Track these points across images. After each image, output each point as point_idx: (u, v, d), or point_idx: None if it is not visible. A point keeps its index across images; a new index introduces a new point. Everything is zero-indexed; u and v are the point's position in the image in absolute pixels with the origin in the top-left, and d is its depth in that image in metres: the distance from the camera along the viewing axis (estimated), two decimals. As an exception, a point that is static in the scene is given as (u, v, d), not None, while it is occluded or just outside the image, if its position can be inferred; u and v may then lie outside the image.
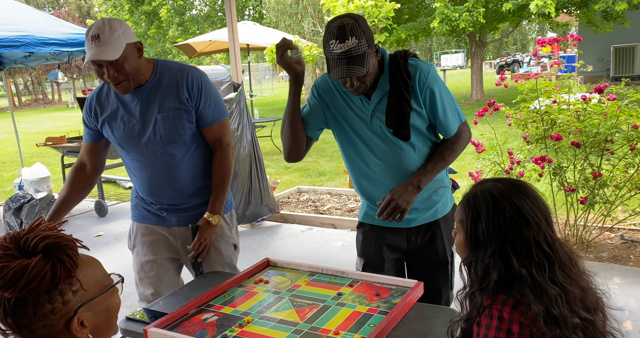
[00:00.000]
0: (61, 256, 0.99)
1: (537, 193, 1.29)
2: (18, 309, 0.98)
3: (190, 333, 1.55)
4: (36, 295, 0.97)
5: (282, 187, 6.77)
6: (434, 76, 1.89)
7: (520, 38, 48.23)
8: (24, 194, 5.69)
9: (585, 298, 1.22)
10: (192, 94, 2.09)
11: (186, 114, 2.09)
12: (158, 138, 2.09)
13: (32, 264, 0.95)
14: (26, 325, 0.98)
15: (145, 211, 2.26)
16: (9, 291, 0.95)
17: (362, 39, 1.73)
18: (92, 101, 2.17)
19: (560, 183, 3.89)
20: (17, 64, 7.33)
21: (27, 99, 39.74)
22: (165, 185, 2.16)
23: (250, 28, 10.85)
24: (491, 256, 1.22)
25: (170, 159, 2.12)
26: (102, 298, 1.07)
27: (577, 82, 4.09)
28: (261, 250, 4.52)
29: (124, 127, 2.11)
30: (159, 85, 2.08)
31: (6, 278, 0.94)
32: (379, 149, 1.95)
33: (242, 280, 1.93)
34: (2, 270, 0.94)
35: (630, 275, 3.49)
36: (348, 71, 1.74)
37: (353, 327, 1.53)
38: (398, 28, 14.43)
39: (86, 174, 2.26)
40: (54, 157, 10.25)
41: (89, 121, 2.19)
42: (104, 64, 1.93)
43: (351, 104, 1.96)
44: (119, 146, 2.18)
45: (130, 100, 2.10)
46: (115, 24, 1.95)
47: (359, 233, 2.17)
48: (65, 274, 0.99)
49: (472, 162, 6.58)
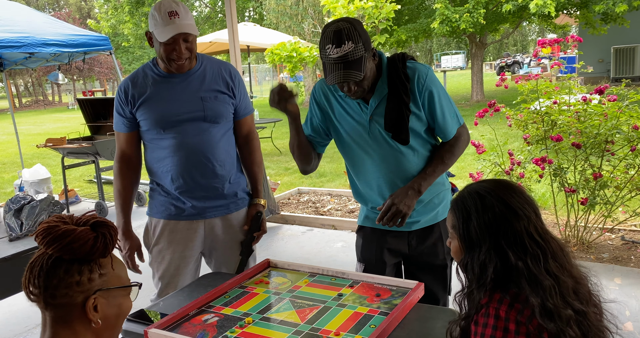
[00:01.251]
0: (105, 232, 1.13)
1: (523, 189, 1.33)
2: (52, 269, 1.09)
3: (190, 334, 1.55)
4: (73, 257, 1.10)
5: (282, 188, 6.77)
6: (432, 78, 1.88)
7: (521, 39, 48.27)
8: (24, 195, 5.68)
9: (578, 288, 1.25)
10: (235, 84, 2.25)
11: (230, 99, 2.23)
12: (202, 116, 2.15)
13: (79, 230, 1.10)
14: (52, 287, 1.08)
15: (172, 206, 2.23)
16: (53, 246, 1.08)
17: (359, 43, 1.71)
18: (127, 87, 2.17)
19: (560, 183, 3.89)
20: (18, 65, 7.35)
21: (28, 100, 39.75)
22: (202, 166, 2.18)
23: (251, 29, 10.88)
24: (486, 252, 1.24)
25: (210, 139, 2.18)
26: (118, 293, 1.16)
27: (577, 83, 4.09)
28: (261, 251, 4.52)
29: (165, 106, 2.14)
30: (204, 71, 2.20)
31: (55, 234, 1.08)
32: (378, 153, 1.93)
33: (243, 280, 1.93)
34: (54, 227, 1.10)
35: (631, 276, 3.49)
36: (345, 76, 1.73)
37: (354, 328, 1.52)
38: (398, 29, 14.44)
39: (133, 164, 2.27)
40: (54, 158, 10.26)
41: (124, 109, 2.18)
42: (179, 40, 2.03)
43: (348, 110, 1.94)
44: (155, 127, 2.16)
45: (178, 82, 2.16)
46: (183, 5, 2.08)
47: (359, 237, 2.16)
48: (102, 248, 1.12)
49: (473, 163, 6.58)
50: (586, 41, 6.39)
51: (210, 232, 2.27)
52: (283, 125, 13.46)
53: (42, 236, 1.10)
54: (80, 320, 1.10)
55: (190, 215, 2.23)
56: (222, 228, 2.27)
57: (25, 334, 3.30)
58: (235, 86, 2.25)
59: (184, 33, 2.02)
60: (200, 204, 2.22)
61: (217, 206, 2.24)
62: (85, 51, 6.21)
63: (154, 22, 2.04)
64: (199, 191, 2.20)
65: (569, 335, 1.15)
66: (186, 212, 2.22)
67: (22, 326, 3.41)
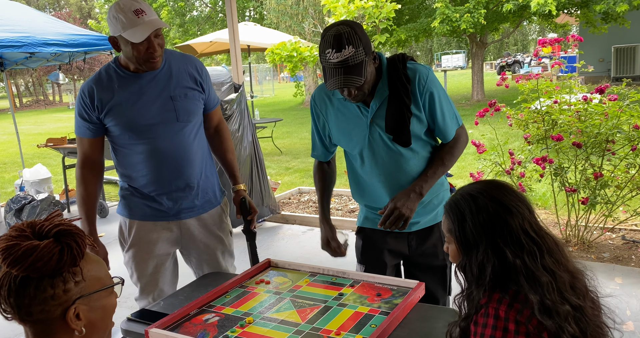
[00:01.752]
0: (70, 242, 1.04)
1: (514, 187, 1.34)
2: (21, 288, 1.01)
3: (191, 334, 1.55)
4: (41, 275, 1.01)
5: (282, 188, 6.77)
6: (433, 79, 1.87)
7: (521, 39, 48.24)
8: (25, 195, 5.69)
9: (575, 283, 1.25)
10: (203, 78, 2.21)
11: (200, 95, 2.20)
12: (174, 117, 2.11)
13: (42, 245, 1.01)
14: (26, 306, 1.02)
15: (147, 208, 2.21)
16: (16, 268, 1.00)
17: (359, 47, 1.69)
18: (92, 91, 2.08)
19: (561, 183, 3.89)
20: (18, 65, 7.34)
21: (28, 100, 39.77)
22: (177, 169, 2.16)
23: (251, 29, 10.87)
24: (484, 252, 1.24)
25: (184, 140, 2.15)
26: (100, 295, 1.09)
27: (578, 82, 4.08)
28: (262, 251, 4.50)
29: (136, 110, 2.07)
30: (169, 68, 2.14)
31: (16, 255, 0.99)
32: (378, 156, 1.92)
33: (244, 280, 1.93)
34: (13, 247, 1.00)
35: (632, 276, 3.48)
36: (345, 81, 1.71)
37: (354, 328, 1.53)
38: (398, 29, 14.43)
39: (97, 169, 2.25)
40: (54, 158, 10.26)
41: (89, 114, 2.10)
42: (151, 38, 1.97)
43: (347, 113, 1.93)
44: (127, 132, 2.11)
45: (145, 82, 2.09)
46: (141, 1, 2.02)
47: (359, 239, 2.15)
48: (71, 260, 1.03)
49: (473, 163, 6.58)
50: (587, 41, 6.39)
51: (186, 232, 2.27)
52: (283, 125, 13.47)
53: (2, 256, 1.01)
54: (64, 331, 1.05)
55: (166, 216, 2.22)
56: (197, 227, 2.27)
57: (26, 334, 3.29)
58: (203, 79, 2.20)
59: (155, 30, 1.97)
60: (176, 206, 2.21)
61: (192, 206, 2.23)
62: (86, 50, 6.21)
63: (121, 25, 1.94)
64: (174, 192, 2.19)
65: (568, 332, 1.15)
66: (162, 213, 2.22)
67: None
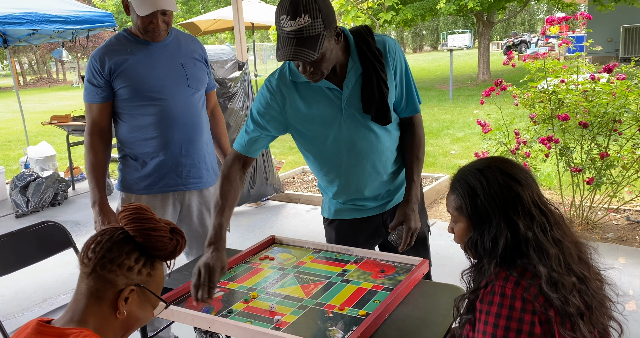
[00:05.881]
0: (179, 238, 1.18)
1: (515, 161, 1.34)
2: (119, 243, 1.12)
3: (196, 309, 1.56)
4: (142, 244, 1.12)
5: (286, 167, 6.77)
6: (400, 48, 1.79)
7: (528, 18, 47.63)
8: (29, 172, 5.71)
9: (580, 255, 1.27)
10: (206, 58, 2.33)
11: (206, 68, 2.32)
12: (185, 81, 2.19)
13: (162, 224, 1.16)
14: (109, 259, 1.10)
15: (149, 180, 2.23)
16: (134, 225, 1.12)
17: (318, 18, 1.49)
18: (103, 56, 2.12)
19: (566, 163, 3.87)
20: (22, 42, 7.30)
21: (32, 78, 39.70)
22: (187, 133, 2.21)
23: (255, 7, 10.75)
24: (497, 226, 1.23)
25: (194, 105, 2.24)
26: (149, 298, 1.17)
27: (585, 62, 4.04)
28: (266, 229, 4.54)
29: (148, 71, 2.13)
30: (177, 39, 2.25)
31: (142, 216, 1.14)
32: (351, 140, 1.76)
33: (248, 256, 1.94)
34: (143, 210, 1.15)
35: (635, 256, 3.49)
36: (295, 54, 1.50)
37: (358, 303, 1.53)
38: (404, 8, 14.25)
39: (106, 137, 2.23)
40: (59, 136, 10.27)
41: (99, 78, 2.13)
42: (157, 14, 2.05)
43: (316, 97, 1.72)
44: (138, 94, 2.12)
45: (156, 49, 2.16)
46: None
47: (330, 230, 2.01)
48: (170, 251, 1.15)
49: (478, 142, 6.55)
50: (595, 20, 6.29)
51: (186, 208, 2.32)
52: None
53: (129, 212, 1.14)
54: (111, 303, 1.11)
55: (170, 187, 2.25)
56: (197, 203, 2.33)
57: (32, 309, 3.34)
58: (206, 59, 2.33)
59: (165, 9, 2.04)
60: (184, 172, 2.25)
61: (199, 176, 2.29)
62: (89, 27, 6.16)
63: None
64: (183, 157, 2.22)
65: (573, 304, 1.15)
66: (165, 184, 2.24)
67: (30, 301, 3.46)
